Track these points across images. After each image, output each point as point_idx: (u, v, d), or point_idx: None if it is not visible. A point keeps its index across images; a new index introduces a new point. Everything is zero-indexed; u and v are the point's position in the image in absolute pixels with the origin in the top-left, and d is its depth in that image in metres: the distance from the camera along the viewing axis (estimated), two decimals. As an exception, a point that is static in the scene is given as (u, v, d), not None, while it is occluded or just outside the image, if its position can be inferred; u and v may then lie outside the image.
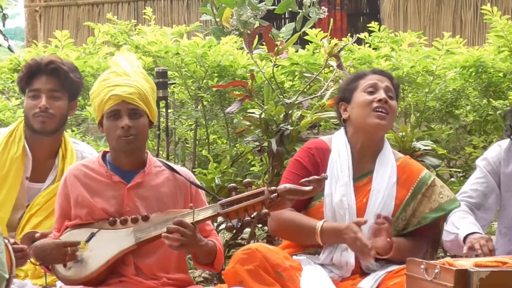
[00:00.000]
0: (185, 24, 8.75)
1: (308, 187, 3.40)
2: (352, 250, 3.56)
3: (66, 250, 3.40)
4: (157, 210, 3.50)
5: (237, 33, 8.04)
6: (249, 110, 4.89)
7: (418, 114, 5.67)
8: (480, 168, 3.89)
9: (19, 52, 6.97)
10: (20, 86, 4.00)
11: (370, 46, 6.04)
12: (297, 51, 5.77)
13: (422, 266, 3.11)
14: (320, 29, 5.79)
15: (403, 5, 10.60)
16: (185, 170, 3.70)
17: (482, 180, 3.86)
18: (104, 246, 3.44)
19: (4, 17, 11.66)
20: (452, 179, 5.28)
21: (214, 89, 5.53)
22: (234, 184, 3.49)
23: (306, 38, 5.75)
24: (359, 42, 6.03)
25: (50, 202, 3.86)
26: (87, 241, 3.46)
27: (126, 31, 6.66)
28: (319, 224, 3.58)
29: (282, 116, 4.70)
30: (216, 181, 4.87)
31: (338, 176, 3.67)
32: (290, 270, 3.46)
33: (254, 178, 5.12)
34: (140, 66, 3.68)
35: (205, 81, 5.63)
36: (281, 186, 3.43)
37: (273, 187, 3.42)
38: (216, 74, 5.63)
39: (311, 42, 5.70)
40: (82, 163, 3.64)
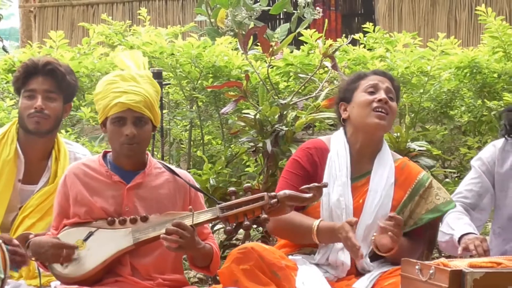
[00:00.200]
0: (180, 24, 8.74)
1: (308, 194, 3.41)
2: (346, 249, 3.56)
3: (62, 252, 3.40)
4: (156, 211, 3.50)
5: (232, 33, 8.04)
6: (244, 111, 4.88)
7: (413, 115, 5.67)
8: (474, 168, 3.89)
9: (14, 52, 6.95)
10: (15, 86, 3.98)
11: (365, 47, 6.05)
12: (292, 52, 5.77)
13: (417, 267, 3.11)
14: (315, 29, 5.80)
15: (398, 6, 10.62)
16: (184, 173, 3.70)
17: (476, 180, 3.87)
18: (101, 246, 3.43)
19: (-2, 17, 11.68)
20: (446, 180, 5.29)
21: (209, 89, 5.53)
22: (233, 188, 3.48)
23: (301, 38, 5.75)
24: (354, 42, 6.03)
25: (43, 204, 3.86)
26: (85, 240, 3.45)
27: (121, 32, 6.66)
28: (316, 223, 3.58)
29: (277, 116, 4.69)
30: (210, 181, 4.85)
31: (336, 176, 3.66)
32: (286, 269, 3.45)
33: (249, 179, 5.11)
34: (146, 65, 3.66)
35: (200, 81, 5.62)
36: (281, 192, 3.42)
37: (273, 193, 3.42)
38: (211, 75, 5.63)
39: (306, 43, 5.70)
40: (83, 162, 3.64)
